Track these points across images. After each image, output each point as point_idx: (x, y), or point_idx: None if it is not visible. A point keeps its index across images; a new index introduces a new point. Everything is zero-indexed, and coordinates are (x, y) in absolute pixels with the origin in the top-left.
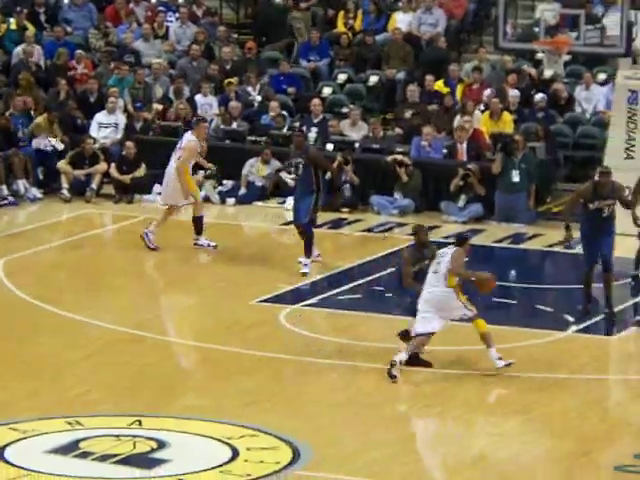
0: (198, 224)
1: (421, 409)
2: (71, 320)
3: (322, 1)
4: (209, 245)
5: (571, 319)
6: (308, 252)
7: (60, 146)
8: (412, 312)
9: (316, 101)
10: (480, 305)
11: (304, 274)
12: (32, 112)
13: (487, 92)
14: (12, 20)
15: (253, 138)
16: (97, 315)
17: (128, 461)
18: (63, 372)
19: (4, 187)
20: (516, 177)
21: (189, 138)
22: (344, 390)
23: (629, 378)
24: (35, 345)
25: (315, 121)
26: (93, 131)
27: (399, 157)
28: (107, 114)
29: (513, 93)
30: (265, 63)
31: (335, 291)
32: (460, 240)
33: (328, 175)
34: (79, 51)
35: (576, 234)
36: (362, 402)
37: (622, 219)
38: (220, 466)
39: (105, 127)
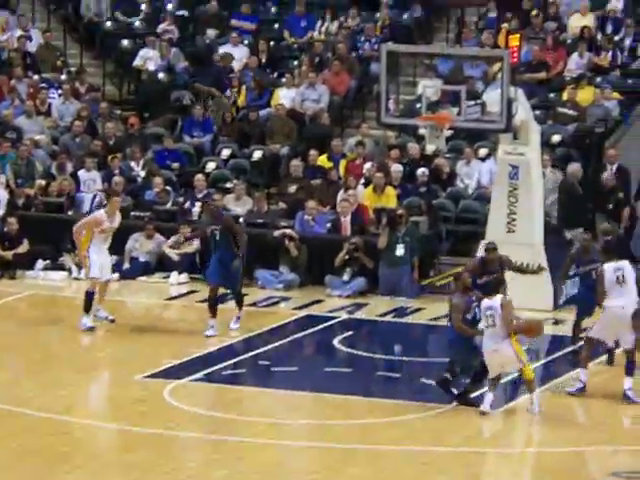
0: (87, 300)
1: None
2: None
3: (206, 77)
4: (107, 318)
5: (455, 392)
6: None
7: None
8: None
9: (199, 176)
10: (366, 379)
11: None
12: None
13: (367, 166)
14: None
15: (137, 213)
16: None
17: None
18: None
19: None
20: (400, 251)
21: (98, 211)
22: (229, 466)
23: (512, 452)
24: None
25: (199, 196)
26: None
27: (288, 231)
28: None
29: (396, 168)
30: (149, 139)
31: (220, 365)
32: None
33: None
34: None
35: None
36: (247, 478)
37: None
38: None
39: None
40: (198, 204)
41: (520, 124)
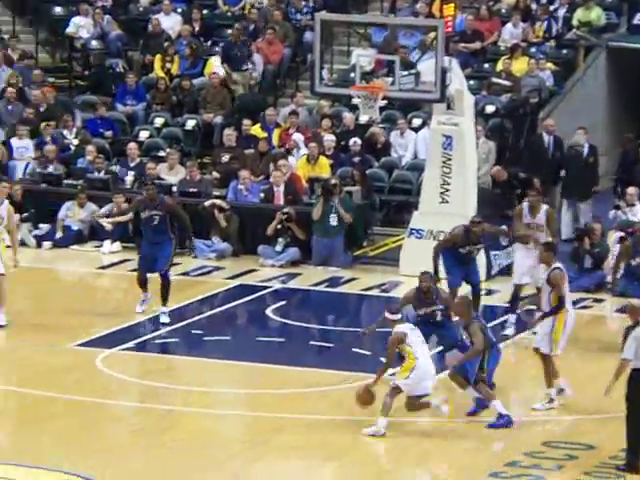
0: None
1: (236, 454)
2: None
3: (140, 46)
4: None
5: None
6: (167, 300)
7: None
8: None
9: (132, 145)
10: (298, 348)
11: (164, 324)
12: None
13: (295, 137)
14: None
15: (69, 182)
16: None
17: None
18: None
19: None
20: (334, 221)
21: None
22: (157, 434)
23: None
24: None
25: (132, 165)
26: None
27: (217, 201)
28: None
29: (328, 137)
30: (82, 106)
31: (152, 335)
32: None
33: None
34: None
35: None
36: (175, 447)
37: None
38: None
39: None
40: (131, 173)
41: (454, 94)
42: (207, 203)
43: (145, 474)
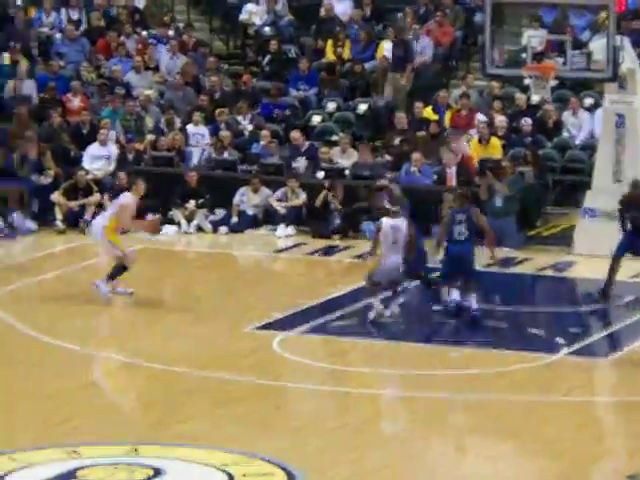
0: (118, 271)
1: (414, 434)
2: (67, 350)
3: (312, 31)
4: (126, 292)
5: (563, 342)
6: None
7: (46, 180)
8: None
9: (295, 134)
10: (473, 329)
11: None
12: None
13: (479, 117)
14: (5, 55)
15: (244, 167)
16: (92, 344)
17: None
18: (60, 401)
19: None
20: (499, 202)
21: (128, 197)
22: (338, 416)
23: (621, 400)
24: (33, 375)
25: (302, 150)
26: (86, 163)
27: (383, 183)
28: (99, 146)
29: (500, 118)
30: (258, 93)
31: (327, 318)
32: None
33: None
34: (75, 82)
35: None
36: (356, 428)
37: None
38: None
39: (98, 159)
40: (301, 158)
41: (626, 72)
42: (378, 184)
43: (329, 454)
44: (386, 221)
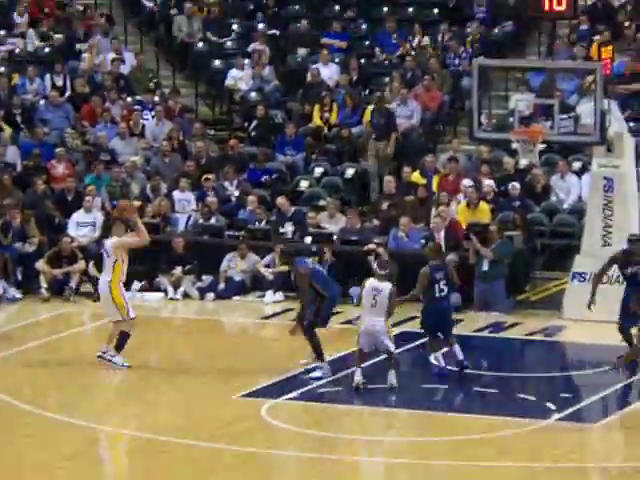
0: (124, 340)
1: None
2: (51, 420)
3: (298, 96)
4: (123, 365)
5: (553, 407)
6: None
7: (31, 248)
8: None
9: (281, 200)
10: (462, 394)
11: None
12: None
13: (465, 182)
14: None
15: (231, 233)
16: (77, 414)
17: None
18: (45, 473)
19: None
20: (486, 266)
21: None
22: None
23: (610, 466)
24: (16, 446)
25: (288, 215)
26: (71, 230)
27: (371, 246)
28: (84, 213)
29: (488, 183)
30: (245, 159)
31: (316, 384)
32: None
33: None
34: (60, 149)
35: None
36: None
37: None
38: None
39: (83, 226)
40: (287, 224)
41: (614, 136)
42: (366, 247)
43: None
44: (370, 282)
